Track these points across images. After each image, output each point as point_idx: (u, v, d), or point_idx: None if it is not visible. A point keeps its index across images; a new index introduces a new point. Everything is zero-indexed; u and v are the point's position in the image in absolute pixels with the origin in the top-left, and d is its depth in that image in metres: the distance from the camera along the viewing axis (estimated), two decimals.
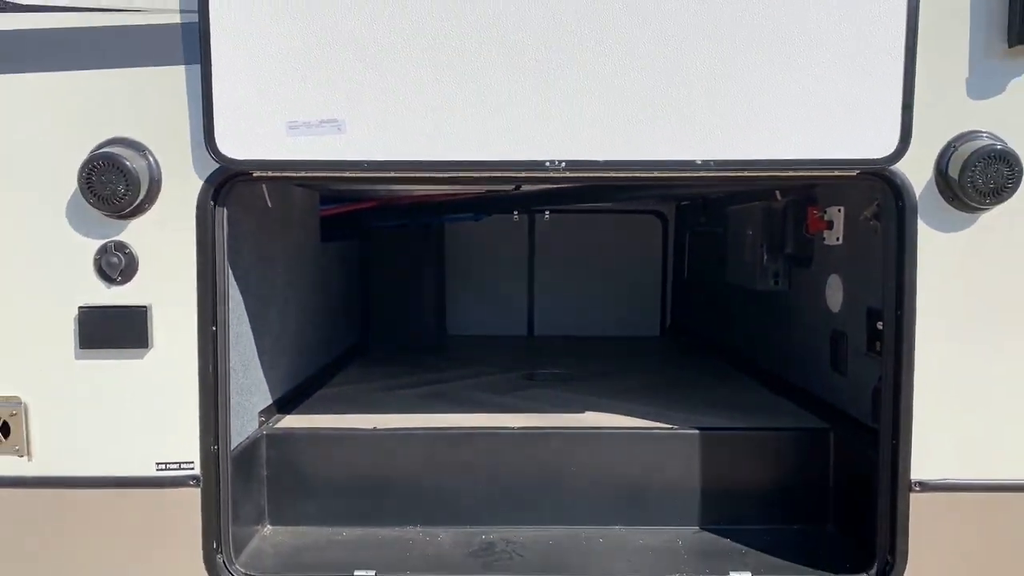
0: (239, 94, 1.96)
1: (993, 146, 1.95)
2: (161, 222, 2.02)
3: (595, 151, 1.98)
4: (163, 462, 2.07)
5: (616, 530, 2.42)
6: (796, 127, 1.95)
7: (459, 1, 1.91)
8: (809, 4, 1.91)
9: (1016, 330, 2.02)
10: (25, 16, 1.99)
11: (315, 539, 2.40)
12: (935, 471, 2.05)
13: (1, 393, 2.06)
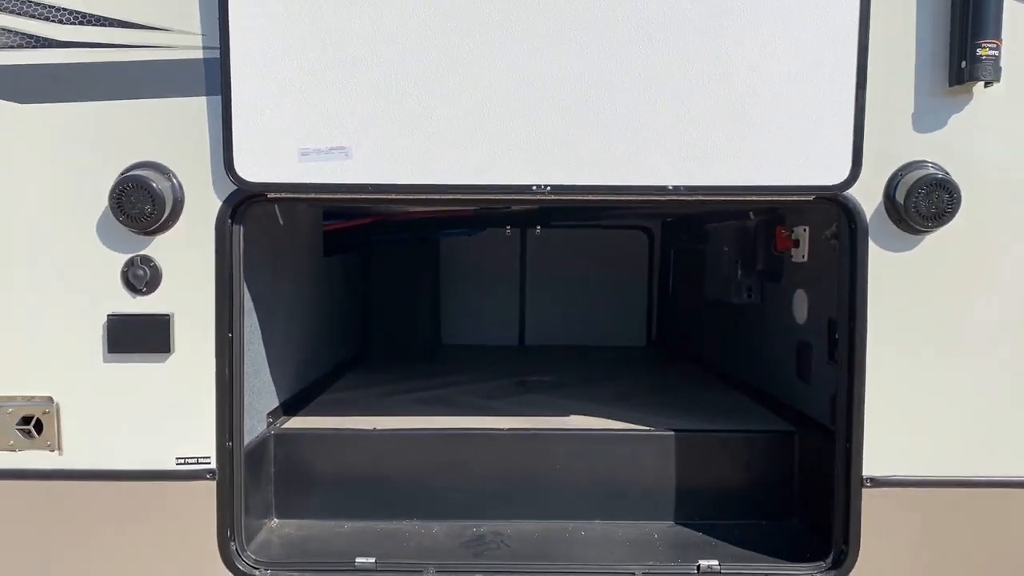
0: (256, 123, 2.17)
1: (936, 175, 2.17)
2: (183, 238, 2.22)
3: (576, 176, 2.20)
4: (182, 457, 2.27)
5: (597, 524, 2.62)
6: (758, 156, 2.17)
7: (454, 42, 2.13)
8: (769, 47, 2.13)
9: (957, 340, 2.23)
10: (64, 51, 2.19)
11: (319, 531, 2.59)
12: (884, 468, 2.26)
13: (35, 393, 2.26)
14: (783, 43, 2.14)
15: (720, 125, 2.16)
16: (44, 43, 2.20)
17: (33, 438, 2.27)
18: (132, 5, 2.18)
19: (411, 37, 2.12)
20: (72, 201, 2.22)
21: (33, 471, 2.27)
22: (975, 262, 2.21)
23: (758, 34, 2.12)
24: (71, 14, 2.20)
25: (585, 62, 2.13)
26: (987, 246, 2.21)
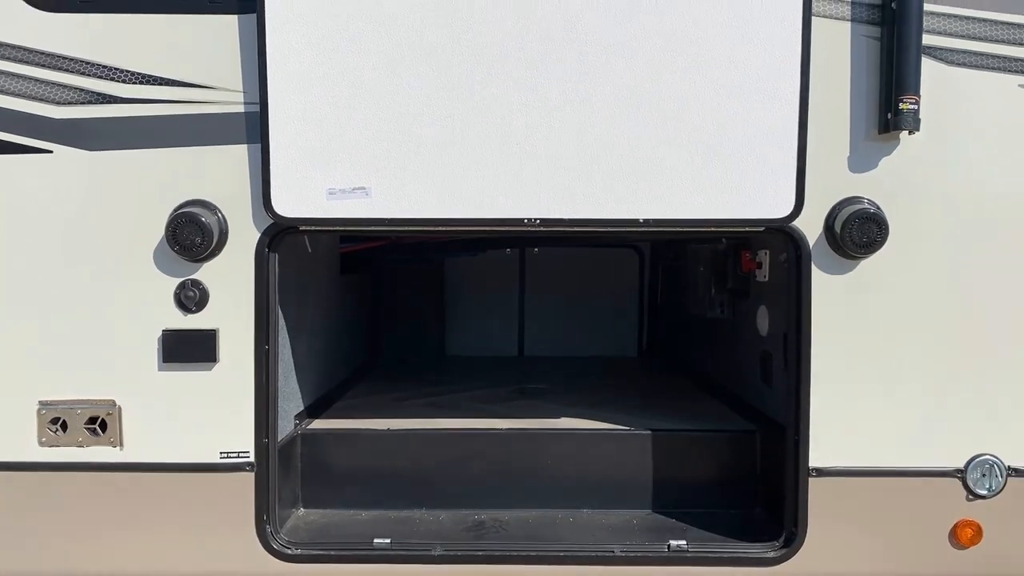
0: (290, 166, 2.55)
1: (868, 210, 2.54)
2: (228, 264, 2.60)
3: (562, 211, 2.57)
4: (225, 451, 2.64)
5: (584, 512, 2.98)
6: (716, 193, 2.54)
7: (457, 101, 2.50)
8: (724, 100, 2.51)
9: (888, 349, 2.59)
10: (126, 106, 2.58)
11: (340, 519, 2.96)
12: (828, 460, 2.63)
13: (100, 397, 2.64)
14: (737, 96, 2.52)
15: (683, 166, 2.53)
16: (109, 99, 2.60)
17: (98, 436, 2.65)
18: (184, 67, 2.57)
19: (420, 96, 2.51)
20: (133, 233, 2.60)
21: (98, 464, 2.65)
22: (901, 283, 2.58)
23: (716, 92, 2.50)
24: (132, 75, 2.59)
25: (565, 113, 2.51)
26: (910, 269, 2.58)
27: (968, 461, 2.63)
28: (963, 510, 2.63)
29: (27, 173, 2.59)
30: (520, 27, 2.48)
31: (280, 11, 2.50)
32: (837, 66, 2.55)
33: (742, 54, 2.50)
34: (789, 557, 2.65)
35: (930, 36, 2.52)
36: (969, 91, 2.56)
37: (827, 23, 2.54)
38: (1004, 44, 2.55)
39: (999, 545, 2.64)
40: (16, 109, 2.58)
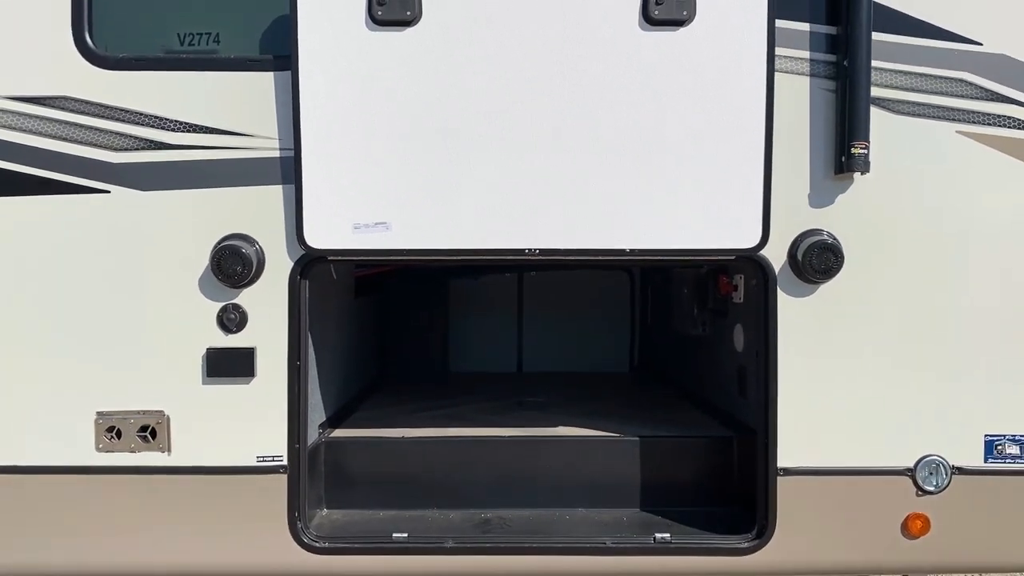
0: (320, 204, 2.90)
1: (826, 241, 2.90)
2: (265, 290, 2.94)
3: (558, 242, 2.93)
4: (261, 455, 2.98)
5: (578, 511, 3.30)
6: (693, 226, 2.90)
7: (465, 146, 2.87)
8: (699, 145, 2.88)
9: (846, 361, 2.95)
10: (174, 152, 2.94)
11: (360, 517, 3.28)
12: (794, 461, 2.98)
13: (151, 408, 2.98)
14: (711, 140, 2.88)
15: (664, 202, 2.89)
16: (160, 146, 2.95)
17: (149, 443, 2.98)
18: (227, 117, 2.93)
19: (432, 143, 2.87)
20: (181, 262, 2.95)
21: (148, 467, 2.97)
22: (855, 304, 2.94)
23: (693, 137, 2.87)
24: (180, 124, 2.95)
25: (560, 157, 2.87)
26: (863, 293, 2.94)
27: (917, 461, 2.98)
28: (913, 504, 2.98)
29: (89, 210, 2.95)
30: (518, 83, 2.85)
31: (311, 70, 2.86)
32: (798, 115, 2.92)
33: (715, 104, 2.87)
34: (760, 548, 2.99)
35: (878, 89, 2.89)
36: (913, 136, 2.93)
37: (789, 77, 2.92)
38: (942, 95, 2.93)
39: (945, 536, 2.99)
40: (79, 155, 2.94)
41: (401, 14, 2.82)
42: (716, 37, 2.85)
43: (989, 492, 2.99)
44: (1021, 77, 2.93)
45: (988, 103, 2.93)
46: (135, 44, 3.02)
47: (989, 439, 2.98)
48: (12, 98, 2.95)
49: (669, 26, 2.83)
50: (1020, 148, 2.94)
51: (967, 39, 2.93)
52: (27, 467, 2.99)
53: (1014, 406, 2.98)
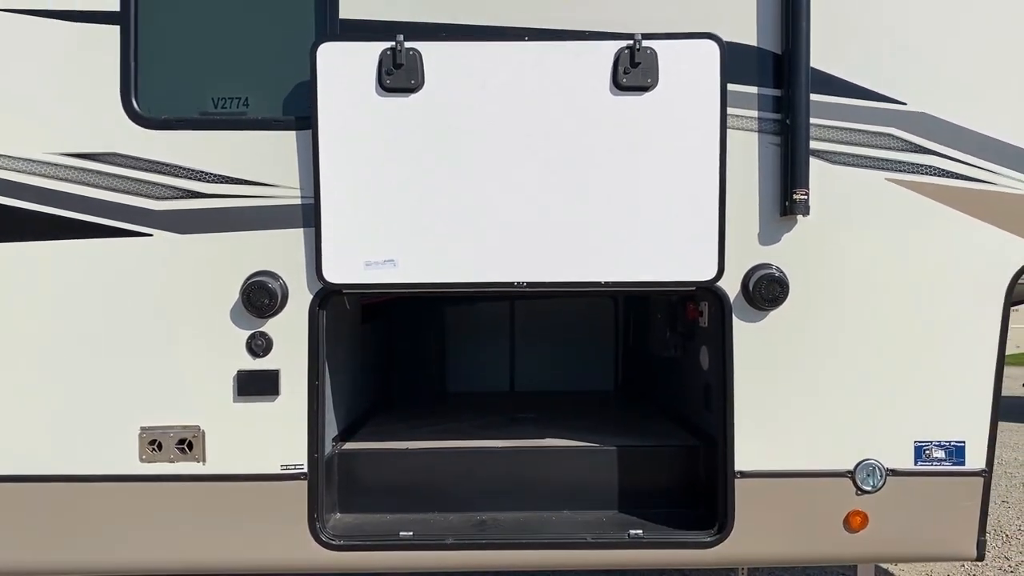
0: (336, 244, 3.34)
1: (773, 273, 3.36)
2: (287, 320, 3.38)
3: (543, 276, 3.38)
4: (286, 464, 3.41)
5: (564, 513, 3.70)
6: (658, 261, 3.34)
7: (461, 192, 3.33)
8: (664, 194, 3.34)
9: (791, 377, 3.40)
10: (208, 200, 3.39)
11: (370, 520, 3.68)
12: (749, 465, 3.42)
13: (188, 423, 3.40)
14: (673, 188, 3.34)
15: (634, 241, 3.33)
16: (195, 195, 3.40)
17: (186, 454, 3.41)
18: (255, 169, 3.37)
19: (433, 191, 3.32)
20: (214, 296, 3.38)
21: (185, 475, 3.39)
22: (800, 329, 3.38)
23: (658, 186, 3.33)
24: (214, 176, 3.39)
25: (543, 201, 3.32)
26: (806, 318, 3.39)
27: (856, 464, 3.42)
28: (853, 502, 3.42)
29: (133, 251, 3.38)
30: (507, 141, 3.31)
31: (328, 129, 3.32)
32: (748, 165, 3.38)
33: (676, 157, 3.33)
34: (721, 541, 3.42)
35: (816, 142, 3.36)
36: (848, 183, 3.39)
37: (740, 133, 3.38)
38: (872, 148, 3.40)
39: (882, 529, 3.42)
40: (126, 203, 3.38)
41: (407, 83, 3.29)
42: (676, 100, 3.32)
43: (919, 491, 3.43)
44: (940, 132, 3.40)
45: (913, 154, 3.40)
46: (175, 106, 3.46)
47: (918, 444, 3.43)
48: (68, 154, 3.39)
49: (636, 91, 3.30)
50: (940, 192, 3.40)
51: (893, 99, 3.40)
52: (79, 476, 3.40)
53: (939, 416, 3.43)
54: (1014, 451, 11.97)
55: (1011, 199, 3.39)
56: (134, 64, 3.40)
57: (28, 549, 3.40)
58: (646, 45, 3.29)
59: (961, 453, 3.43)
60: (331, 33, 3.34)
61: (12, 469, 3.38)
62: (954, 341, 3.42)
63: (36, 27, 3.38)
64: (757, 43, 3.38)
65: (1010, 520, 8.41)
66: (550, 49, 3.31)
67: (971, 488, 3.43)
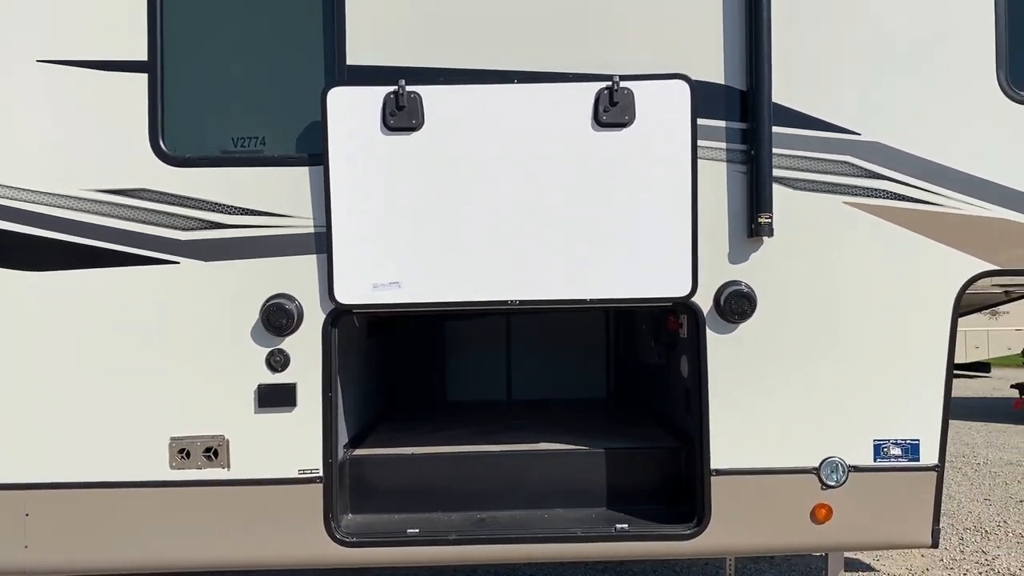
0: (347, 268, 3.69)
1: (742, 289, 3.71)
2: (303, 337, 3.72)
3: (534, 294, 3.73)
4: (303, 469, 3.75)
5: (556, 510, 4.02)
6: (638, 279, 3.68)
7: (458, 220, 3.68)
8: (643, 219, 3.69)
9: (760, 383, 3.74)
10: (230, 231, 3.74)
11: (379, 519, 4.00)
12: (723, 463, 3.76)
13: (214, 433, 3.74)
14: (652, 213, 3.69)
15: (616, 262, 3.68)
16: (218, 226, 3.75)
17: (212, 461, 3.75)
18: (272, 202, 3.71)
19: (435, 220, 3.67)
20: (235, 317, 3.73)
21: (211, 480, 3.72)
22: (766, 339, 3.73)
23: (637, 212, 3.69)
24: (235, 208, 3.74)
25: (533, 228, 3.67)
26: (773, 329, 3.74)
27: (821, 461, 3.76)
28: (819, 496, 3.76)
29: (163, 277, 3.73)
30: (499, 174, 3.66)
31: (339, 165, 3.67)
32: (718, 192, 3.74)
33: (653, 186, 3.67)
34: (699, 534, 3.76)
35: (779, 170, 3.71)
36: (808, 207, 3.74)
37: (710, 163, 3.73)
38: (830, 174, 3.76)
39: (845, 521, 3.76)
40: (155, 234, 3.73)
41: (408, 123, 3.65)
42: (652, 135, 3.67)
43: (878, 485, 3.77)
44: (891, 159, 3.75)
45: (867, 179, 3.76)
46: (198, 145, 3.81)
47: (877, 443, 3.78)
48: (102, 191, 3.74)
49: (615, 127, 3.66)
50: (892, 214, 3.75)
51: (848, 130, 3.76)
52: (116, 482, 3.74)
53: (895, 416, 3.78)
54: (1000, 451, 12.32)
55: (955, 219, 3.75)
56: (161, 107, 3.75)
57: (73, 549, 3.73)
58: (624, 86, 3.65)
59: (916, 450, 3.77)
60: (339, 79, 3.70)
61: (58, 477, 3.71)
62: (907, 348, 3.77)
63: (73, 76, 3.73)
64: (724, 81, 3.74)
65: (990, 517, 8.75)
66: (537, 90, 3.67)
67: (925, 482, 3.78)
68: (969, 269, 3.76)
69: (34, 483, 3.72)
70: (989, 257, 3.76)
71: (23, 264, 3.74)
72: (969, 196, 3.75)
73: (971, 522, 8.46)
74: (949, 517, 8.63)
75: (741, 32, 3.72)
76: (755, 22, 3.67)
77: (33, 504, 3.72)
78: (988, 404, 17.82)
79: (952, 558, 7.26)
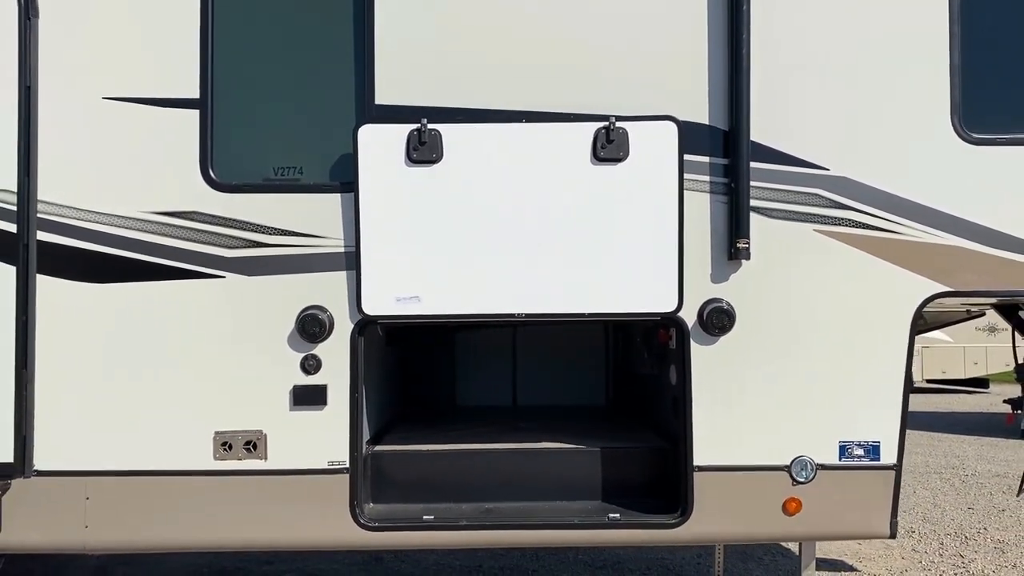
0: (373, 284, 4.17)
1: (723, 306, 4.18)
2: (333, 344, 4.18)
3: (538, 308, 4.20)
4: (332, 461, 4.22)
5: (556, 502, 4.49)
6: (629, 296, 4.16)
7: (471, 243, 4.16)
8: (633, 244, 4.16)
9: (738, 390, 4.20)
10: (268, 249, 4.22)
11: (398, 508, 4.47)
12: (705, 461, 4.22)
13: (253, 428, 4.22)
14: (642, 239, 4.17)
15: (608, 280, 4.14)
16: (260, 245, 4.24)
17: (251, 453, 4.22)
18: (307, 224, 4.19)
19: (449, 242, 4.16)
20: (274, 325, 4.21)
21: (250, 470, 4.18)
22: (745, 350, 4.19)
23: (627, 239, 4.17)
24: (274, 229, 4.23)
25: (540, 253, 4.17)
26: (750, 342, 4.20)
27: (792, 460, 4.21)
28: (790, 491, 4.21)
29: (211, 290, 4.21)
30: (508, 201, 4.15)
31: (367, 193, 4.16)
32: (702, 219, 4.21)
33: (644, 214, 4.16)
34: (683, 523, 4.20)
35: (756, 200, 4.17)
36: (782, 234, 4.22)
37: (695, 194, 4.20)
38: (802, 205, 4.23)
39: (813, 513, 4.20)
40: (203, 251, 4.21)
41: (429, 156, 4.14)
42: (644, 169, 4.16)
43: (843, 482, 4.22)
44: (857, 191, 4.22)
45: (835, 210, 4.23)
46: (243, 174, 4.29)
47: (842, 444, 4.24)
48: (156, 212, 4.24)
49: (611, 162, 4.15)
50: (857, 240, 4.22)
51: (818, 166, 4.24)
52: (166, 471, 4.22)
53: (859, 420, 4.23)
54: (990, 463, 12.73)
55: (913, 245, 4.22)
56: (210, 140, 4.25)
57: (128, 529, 4.22)
58: (619, 125, 4.14)
59: (877, 451, 4.23)
60: (369, 117, 4.20)
61: (116, 466, 4.20)
62: (870, 360, 4.23)
63: (134, 111, 4.24)
64: (708, 122, 4.23)
65: (971, 524, 9.17)
66: (542, 128, 4.17)
67: (885, 479, 4.23)
68: (925, 290, 4.22)
69: (94, 471, 4.21)
70: (943, 280, 4.23)
71: (86, 277, 4.23)
72: (926, 225, 4.22)
73: (953, 528, 8.89)
74: (932, 523, 9.07)
75: (724, 79, 4.21)
76: (736, 70, 4.17)
77: (93, 489, 4.20)
78: (983, 419, 18.18)
79: (931, 561, 7.69)
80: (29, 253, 4.17)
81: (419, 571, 7.22)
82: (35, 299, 4.18)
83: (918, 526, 8.79)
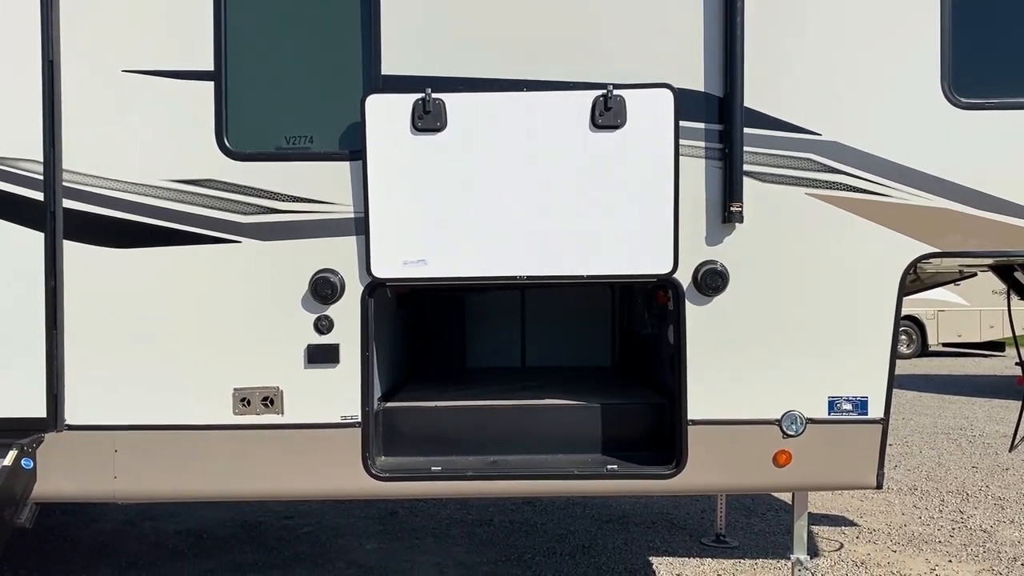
0: (381, 247, 4.37)
1: (716, 267, 4.36)
2: (345, 306, 4.41)
3: (538, 270, 4.39)
4: (344, 416, 4.46)
5: (558, 455, 4.73)
6: (626, 258, 4.34)
7: (476, 205, 4.35)
8: (630, 209, 4.34)
9: (731, 348, 4.39)
10: (282, 215, 4.44)
11: (407, 460, 4.74)
12: (698, 415, 4.42)
13: (271, 384, 4.46)
14: (639, 204, 4.34)
15: (606, 242, 4.33)
16: (273, 211, 4.45)
17: (268, 408, 4.47)
18: (318, 190, 4.40)
19: (455, 205, 4.36)
20: (289, 288, 4.43)
21: (268, 424, 4.44)
22: (737, 309, 4.37)
23: (627, 203, 4.34)
24: (287, 196, 4.44)
25: (539, 216, 4.35)
26: (742, 301, 4.38)
27: (782, 414, 4.41)
28: (780, 444, 4.42)
29: (228, 254, 4.44)
30: (510, 167, 4.33)
31: (375, 160, 4.35)
32: (697, 183, 4.37)
33: (641, 179, 4.32)
34: (677, 474, 4.43)
35: (749, 165, 4.34)
36: (774, 197, 4.37)
37: (690, 159, 4.36)
38: (794, 169, 4.38)
39: (802, 465, 4.41)
40: (220, 217, 4.44)
41: (433, 124, 4.32)
42: (641, 135, 4.32)
43: (831, 436, 4.42)
44: (848, 156, 4.36)
45: (826, 174, 4.38)
46: (256, 143, 4.50)
47: (831, 399, 4.42)
48: (175, 180, 4.45)
49: (609, 129, 4.31)
50: (847, 203, 4.37)
51: (810, 131, 4.38)
52: (188, 425, 4.48)
53: (847, 376, 4.41)
54: (998, 424, 12.88)
55: (902, 208, 4.36)
56: (225, 110, 4.45)
57: (153, 480, 4.49)
58: (616, 93, 4.29)
59: (864, 406, 4.42)
60: (376, 87, 4.38)
61: (142, 420, 4.46)
62: (859, 318, 4.40)
63: (152, 83, 4.44)
64: (703, 89, 4.37)
65: (974, 482, 9.37)
66: (543, 97, 4.33)
67: (872, 433, 4.42)
68: (914, 251, 4.37)
69: (122, 424, 4.48)
70: (932, 241, 4.38)
71: (109, 242, 4.47)
72: (915, 188, 4.35)
73: (955, 486, 9.09)
74: (935, 481, 9.27)
75: (718, 46, 4.34)
76: (730, 38, 4.30)
77: (121, 442, 4.48)
78: (996, 381, 18.28)
79: (930, 516, 7.90)
80: (56, 220, 4.41)
81: (432, 524, 7.53)
82: (63, 263, 4.43)
83: (921, 483, 9.00)
